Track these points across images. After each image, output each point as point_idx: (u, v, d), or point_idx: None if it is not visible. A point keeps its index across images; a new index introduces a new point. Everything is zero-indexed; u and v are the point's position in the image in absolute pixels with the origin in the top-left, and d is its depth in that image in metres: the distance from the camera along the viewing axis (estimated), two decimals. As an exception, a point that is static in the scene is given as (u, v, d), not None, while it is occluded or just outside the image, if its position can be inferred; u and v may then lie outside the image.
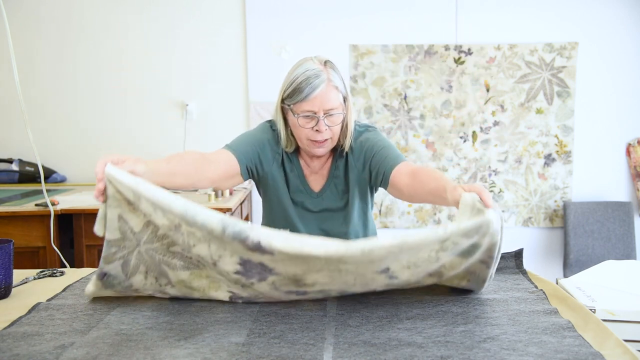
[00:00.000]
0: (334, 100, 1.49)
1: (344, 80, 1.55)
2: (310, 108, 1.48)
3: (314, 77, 1.47)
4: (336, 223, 1.62)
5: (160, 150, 3.53)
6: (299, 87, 1.47)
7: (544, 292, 1.38)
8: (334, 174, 1.62)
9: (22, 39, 3.45)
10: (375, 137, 1.60)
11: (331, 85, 1.49)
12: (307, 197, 1.62)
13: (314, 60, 1.51)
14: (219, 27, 3.50)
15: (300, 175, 1.62)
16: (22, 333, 1.11)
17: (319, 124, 1.49)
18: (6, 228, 2.49)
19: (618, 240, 3.43)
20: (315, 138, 1.51)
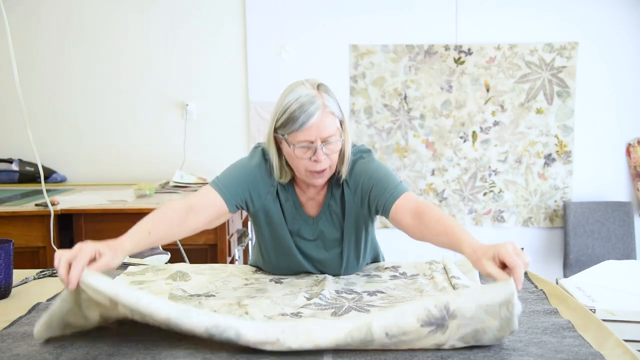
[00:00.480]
0: (330, 126, 1.38)
1: (339, 103, 1.44)
2: (306, 138, 1.37)
3: (308, 104, 1.36)
4: (333, 253, 1.54)
5: (160, 150, 3.54)
6: (293, 115, 1.36)
7: (544, 292, 1.38)
8: (330, 202, 1.51)
9: (22, 39, 3.45)
10: (370, 166, 1.47)
11: (327, 111, 1.38)
12: (303, 223, 1.52)
13: (306, 84, 1.41)
14: (219, 27, 3.50)
15: (295, 203, 1.52)
16: (22, 333, 1.11)
17: (317, 154, 1.37)
18: (6, 228, 2.49)
19: (618, 240, 3.43)
20: (313, 168, 1.40)
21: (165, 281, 1.50)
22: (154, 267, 1.63)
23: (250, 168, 1.49)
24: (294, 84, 1.44)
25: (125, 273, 1.58)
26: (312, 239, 1.54)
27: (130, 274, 1.57)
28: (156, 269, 1.61)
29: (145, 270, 1.60)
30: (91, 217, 2.60)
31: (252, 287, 1.46)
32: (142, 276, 1.55)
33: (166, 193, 3.04)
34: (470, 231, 3.86)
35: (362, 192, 1.46)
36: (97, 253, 1.10)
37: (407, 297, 1.36)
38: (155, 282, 1.49)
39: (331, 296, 1.35)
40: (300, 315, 1.22)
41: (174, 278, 1.52)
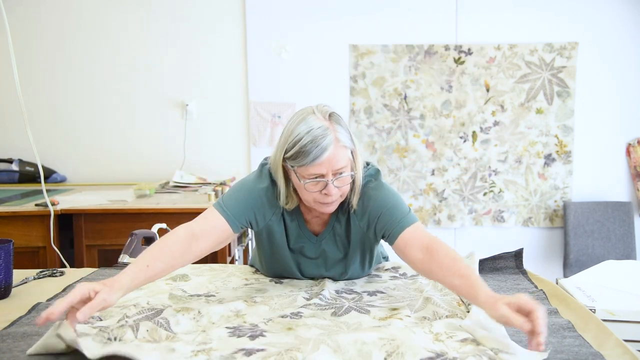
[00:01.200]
0: (342, 159, 1.32)
1: (350, 131, 1.37)
2: (317, 172, 1.30)
3: (320, 138, 1.28)
4: (334, 272, 1.51)
5: (160, 150, 3.54)
6: (305, 149, 1.28)
7: (544, 292, 1.38)
8: (335, 224, 1.47)
9: (22, 39, 3.45)
10: (379, 193, 1.41)
11: (339, 144, 1.30)
12: (307, 241, 1.48)
13: (317, 114, 1.33)
14: (219, 27, 3.50)
15: (300, 221, 1.47)
16: (22, 333, 1.11)
17: (328, 188, 1.32)
18: (6, 228, 2.49)
19: (618, 240, 3.43)
20: (324, 201, 1.35)
21: (165, 281, 1.50)
22: None
23: (256, 191, 1.42)
24: (304, 112, 1.35)
25: None
26: (314, 257, 1.50)
27: None
28: None
29: None
30: (91, 217, 2.59)
31: (252, 287, 1.46)
32: None
33: (166, 193, 3.04)
34: (470, 231, 3.86)
35: (369, 218, 1.41)
36: (92, 292, 1.06)
37: (407, 297, 1.36)
38: (155, 282, 1.49)
39: (331, 296, 1.35)
40: (300, 315, 1.22)
41: (174, 279, 1.52)
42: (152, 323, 1.11)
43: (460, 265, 1.21)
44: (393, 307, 1.28)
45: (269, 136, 3.51)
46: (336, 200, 1.37)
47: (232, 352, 1.01)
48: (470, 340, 1.01)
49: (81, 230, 2.59)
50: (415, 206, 3.52)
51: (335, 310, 1.26)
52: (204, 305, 1.28)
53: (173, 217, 2.59)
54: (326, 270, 1.51)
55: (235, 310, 1.24)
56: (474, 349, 0.99)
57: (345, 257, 1.49)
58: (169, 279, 1.52)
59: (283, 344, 1.05)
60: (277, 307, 1.28)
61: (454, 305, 1.28)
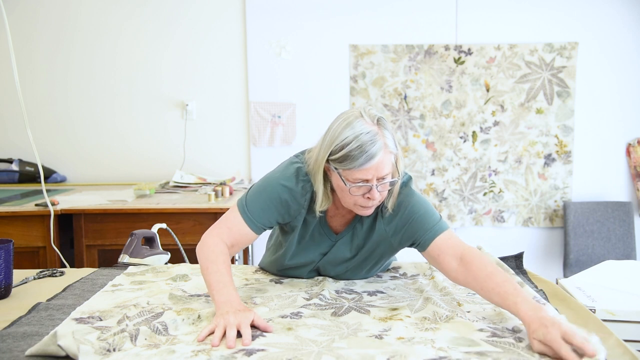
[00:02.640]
0: (388, 166, 1.31)
1: (394, 136, 1.35)
2: (364, 177, 1.29)
3: (369, 144, 1.27)
4: (336, 270, 1.53)
5: (160, 150, 3.54)
6: (352, 154, 1.27)
7: (544, 292, 1.38)
8: (357, 225, 1.47)
9: (21, 39, 3.44)
10: (410, 200, 1.41)
11: (387, 151, 1.30)
12: (325, 239, 1.49)
13: (366, 118, 1.30)
14: (219, 27, 3.50)
15: (322, 220, 1.47)
16: (22, 333, 1.11)
17: (372, 192, 1.31)
18: (6, 228, 2.49)
19: (618, 240, 3.43)
20: (365, 205, 1.34)
21: (165, 281, 1.50)
22: (154, 269, 1.63)
23: (280, 190, 1.41)
24: (351, 116, 1.32)
25: (125, 273, 1.58)
26: (323, 253, 1.50)
27: (130, 274, 1.57)
28: (156, 270, 1.61)
29: (146, 271, 1.60)
30: (91, 217, 2.60)
31: (252, 287, 1.46)
32: (142, 276, 1.55)
33: (166, 193, 3.04)
34: (470, 231, 3.86)
35: (398, 224, 1.40)
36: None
37: (407, 297, 1.36)
38: (155, 282, 1.49)
39: (331, 296, 1.35)
40: (300, 315, 1.22)
41: (174, 279, 1.52)
42: (151, 330, 1.11)
43: (498, 280, 1.19)
44: (393, 307, 1.28)
45: (269, 136, 3.51)
46: (376, 204, 1.36)
47: (232, 352, 1.01)
48: (474, 353, 1.00)
49: (81, 230, 2.59)
50: (415, 206, 3.52)
51: (335, 310, 1.26)
52: (204, 306, 1.28)
53: (173, 217, 2.59)
54: (332, 267, 1.52)
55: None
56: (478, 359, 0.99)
57: (352, 259, 1.49)
58: (169, 279, 1.52)
59: (283, 344, 1.05)
60: (277, 308, 1.28)
61: (454, 305, 1.28)
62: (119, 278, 1.52)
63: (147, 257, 1.73)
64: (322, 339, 1.08)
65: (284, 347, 1.03)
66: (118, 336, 1.06)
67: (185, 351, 1.01)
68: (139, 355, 1.00)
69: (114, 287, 1.44)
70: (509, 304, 1.13)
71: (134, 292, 1.41)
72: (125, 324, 1.13)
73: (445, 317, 1.20)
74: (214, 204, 2.71)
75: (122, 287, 1.45)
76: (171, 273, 1.58)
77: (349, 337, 1.10)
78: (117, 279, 1.51)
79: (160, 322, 1.14)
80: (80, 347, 1.00)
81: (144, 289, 1.43)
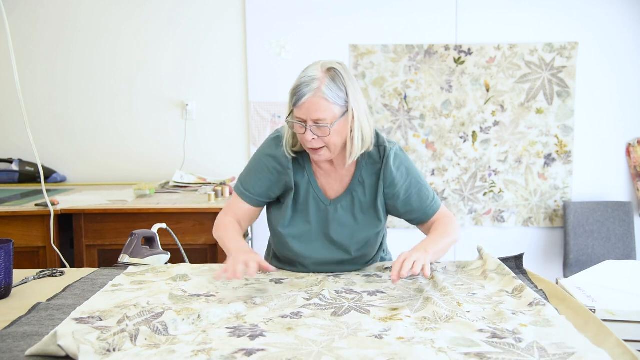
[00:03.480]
0: (322, 111, 1.42)
1: (351, 91, 1.46)
2: (298, 115, 1.45)
3: (304, 85, 1.43)
4: (342, 235, 1.58)
5: (160, 150, 3.54)
6: (292, 92, 1.45)
7: (544, 292, 1.38)
8: (355, 191, 1.58)
9: (21, 39, 3.45)
10: (409, 166, 1.59)
11: (319, 95, 1.42)
12: (320, 203, 1.58)
13: (318, 65, 1.46)
14: (219, 27, 3.50)
15: (315, 186, 1.58)
16: (22, 333, 1.11)
17: (305, 133, 1.45)
18: (6, 228, 2.49)
19: (618, 240, 3.43)
20: (305, 144, 1.48)
21: (165, 281, 1.50)
22: (154, 269, 1.63)
23: (265, 161, 1.59)
24: (313, 63, 1.49)
25: (125, 273, 1.58)
26: (320, 222, 1.59)
27: (130, 274, 1.57)
28: (156, 270, 1.61)
29: (146, 271, 1.60)
30: (91, 217, 2.60)
31: (252, 287, 1.46)
32: (142, 276, 1.55)
33: (166, 193, 3.04)
34: (471, 231, 3.87)
35: (397, 189, 1.58)
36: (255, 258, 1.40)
37: (407, 297, 1.36)
38: (155, 282, 1.49)
39: (331, 296, 1.35)
40: (300, 315, 1.22)
41: (174, 279, 1.52)
42: (151, 330, 1.11)
43: (440, 230, 1.57)
44: (393, 307, 1.28)
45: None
46: (322, 149, 1.48)
47: (232, 352, 1.01)
48: (474, 354, 1.00)
49: (81, 230, 2.59)
50: (415, 206, 3.52)
51: (335, 310, 1.26)
52: (204, 306, 1.28)
53: (173, 217, 2.59)
54: (333, 236, 1.58)
55: (235, 312, 1.24)
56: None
57: (355, 225, 1.58)
58: (169, 279, 1.52)
59: (283, 344, 1.05)
60: (277, 308, 1.28)
61: (454, 306, 1.27)
62: (119, 278, 1.52)
63: (147, 257, 1.73)
64: (322, 339, 1.08)
65: (284, 347, 1.03)
66: (118, 336, 1.06)
67: (185, 351, 1.01)
68: (139, 355, 1.00)
69: (114, 287, 1.44)
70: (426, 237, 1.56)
71: (134, 292, 1.41)
72: (125, 324, 1.13)
73: (445, 317, 1.20)
74: (214, 204, 2.71)
75: (122, 287, 1.45)
76: (171, 273, 1.57)
77: (349, 337, 1.10)
78: (117, 279, 1.51)
79: (160, 322, 1.14)
80: (80, 347, 1.00)
81: (144, 288, 1.43)
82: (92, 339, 1.05)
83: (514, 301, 1.31)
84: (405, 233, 3.57)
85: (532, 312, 1.22)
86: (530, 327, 1.12)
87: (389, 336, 1.10)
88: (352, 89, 1.47)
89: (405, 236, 3.68)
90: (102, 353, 1.01)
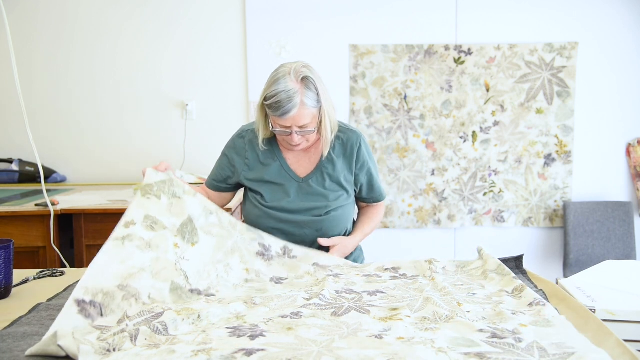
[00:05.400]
0: (306, 118, 1.62)
1: (321, 90, 1.64)
2: (283, 124, 1.63)
3: (286, 101, 1.57)
4: (315, 203, 1.77)
5: (160, 150, 3.54)
6: (274, 105, 1.59)
7: (544, 292, 1.39)
8: (323, 168, 1.78)
9: (21, 39, 3.45)
10: (371, 158, 1.84)
11: (303, 107, 1.60)
12: (293, 181, 1.78)
13: (292, 76, 1.59)
14: (219, 27, 3.50)
15: (285, 166, 1.79)
16: (22, 333, 1.11)
17: (292, 137, 1.65)
18: (6, 228, 2.49)
19: (618, 240, 3.43)
20: (290, 144, 1.70)
21: (173, 240, 1.45)
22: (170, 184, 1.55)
23: (225, 152, 1.86)
24: (280, 72, 1.61)
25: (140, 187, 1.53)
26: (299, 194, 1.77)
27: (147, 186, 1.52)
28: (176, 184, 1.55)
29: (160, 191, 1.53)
30: (91, 217, 2.59)
31: (252, 287, 1.46)
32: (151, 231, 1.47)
33: (166, 193, 3.03)
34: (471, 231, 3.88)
35: (365, 171, 1.81)
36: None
37: (407, 297, 1.36)
38: (164, 238, 1.44)
39: (331, 296, 1.35)
40: (300, 315, 1.22)
41: (183, 233, 1.48)
42: (151, 330, 1.11)
43: (366, 219, 1.88)
44: (393, 307, 1.28)
45: (269, 136, 3.51)
46: (302, 144, 1.70)
47: (232, 352, 1.01)
48: (474, 354, 1.00)
49: (81, 230, 2.59)
50: (415, 206, 3.52)
51: (335, 310, 1.26)
52: (204, 306, 1.28)
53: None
54: (306, 207, 1.76)
55: (235, 312, 1.24)
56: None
57: (329, 196, 1.76)
58: (177, 234, 1.47)
59: (283, 344, 1.05)
60: (277, 308, 1.28)
61: (454, 306, 1.28)
62: (132, 210, 1.47)
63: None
64: (322, 339, 1.08)
65: (284, 347, 1.03)
66: (118, 336, 1.06)
67: (185, 351, 1.01)
68: (139, 355, 1.00)
69: (125, 233, 1.40)
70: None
71: (142, 251, 1.37)
72: (125, 324, 1.13)
73: (445, 317, 1.20)
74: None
75: (132, 237, 1.40)
76: (183, 220, 1.51)
77: (349, 337, 1.10)
78: (130, 213, 1.46)
79: (160, 322, 1.14)
80: (80, 347, 1.00)
81: (152, 249, 1.39)
82: (92, 339, 1.05)
83: (514, 301, 1.31)
84: (405, 233, 3.57)
85: (532, 312, 1.22)
86: (530, 327, 1.12)
87: (389, 336, 1.10)
88: (321, 88, 1.64)
89: (406, 236, 3.69)
90: (102, 353, 1.01)
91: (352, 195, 1.84)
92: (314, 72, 1.64)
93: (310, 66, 1.65)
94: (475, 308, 1.26)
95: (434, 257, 1.64)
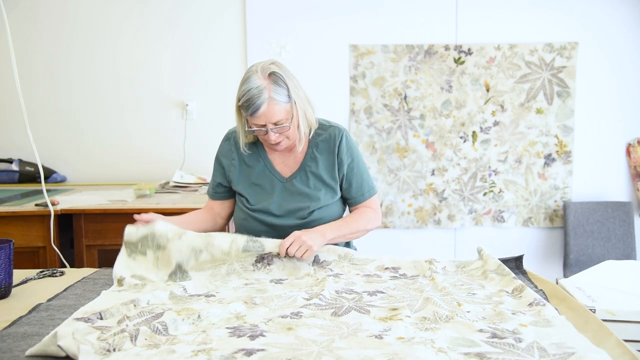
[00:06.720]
0: (278, 114, 1.62)
1: (291, 85, 1.63)
2: (257, 122, 1.63)
3: (255, 98, 1.58)
4: (300, 204, 1.76)
5: (160, 150, 3.54)
6: (245, 104, 1.60)
7: (544, 292, 1.39)
8: (307, 167, 1.78)
9: (21, 39, 3.44)
10: (357, 151, 1.82)
11: (272, 103, 1.60)
12: (277, 180, 1.78)
13: (259, 73, 1.60)
14: (219, 27, 3.50)
15: (269, 166, 1.79)
16: (22, 333, 1.11)
17: (268, 135, 1.65)
18: (6, 228, 2.49)
19: (618, 240, 3.43)
20: (269, 142, 1.69)
21: (166, 283, 1.50)
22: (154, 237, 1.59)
23: (216, 160, 1.89)
24: (250, 71, 1.63)
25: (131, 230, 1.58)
26: (279, 196, 1.77)
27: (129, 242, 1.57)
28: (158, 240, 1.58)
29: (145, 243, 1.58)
30: (91, 217, 2.59)
31: (252, 287, 1.46)
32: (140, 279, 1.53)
33: (166, 193, 3.04)
34: (471, 231, 3.89)
35: (339, 164, 1.78)
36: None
37: (407, 297, 1.36)
38: (155, 283, 1.49)
39: (331, 296, 1.35)
40: (300, 315, 1.22)
41: (174, 279, 1.52)
42: (151, 330, 1.11)
43: (351, 217, 1.78)
44: (393, 307, 1.28)
45: (269, 136, 3.51)
46: (282, 142, 1.70)
47: (232, 352, 1.01)
48: (474, 354, 1.00)
49: (81, 230, 2.59)
50: (415, 206, 3.52)
51: (335, 310, 1.26)
52: (204, 306, 1.28)
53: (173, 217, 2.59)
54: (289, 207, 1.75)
55: (235, 312, 1.24)
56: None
57: (314, 193, 1.75)
58: (168, 279, 1.52)
59: (283, 344, 1.05)
60: (277, 308, 1.28)
61: (454, 306, 1.28)
62: (119, 266, 1.53)
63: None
64: (322, 339, 1.08)
65: (284, 347, 1.03)
66: (118, 336, 1.06)
67: (185, 351, 1.01)
68: (139, 355, 1.00)
69: (120, 288, 1.45)
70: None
71: (132, 290, 1.41)
72: (125, 324, 1.13)
73: (445, 317, 1.20)
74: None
75: (126, 285, 1.45)
76: (171, 269, 1.57)
77: (349, 337, 1.10)
78: (118, 268, 1.52)
79: (160, 322, 1.14)
80: (80, 347, 1.00)
81: (147, 285, 1.44)
82: (92, 339, 1.05)
83: (514, 301, 1.31)
84: (405, 233, 3.57)
85: (532, 312, 1.22)
86: (530, 327, 1.12)
87: (389, 336, 1.10)
88: (291, 83, 1.64)
89: (406, 236, 3.69)
90: (102, 353, 1.01)
91: (338, 194, 1.81)
92: (283, 69, 1.64)
93: (279, 63, 1.65)
94: (475, 308, 1.26)
95: (434, 257, 1.64)
